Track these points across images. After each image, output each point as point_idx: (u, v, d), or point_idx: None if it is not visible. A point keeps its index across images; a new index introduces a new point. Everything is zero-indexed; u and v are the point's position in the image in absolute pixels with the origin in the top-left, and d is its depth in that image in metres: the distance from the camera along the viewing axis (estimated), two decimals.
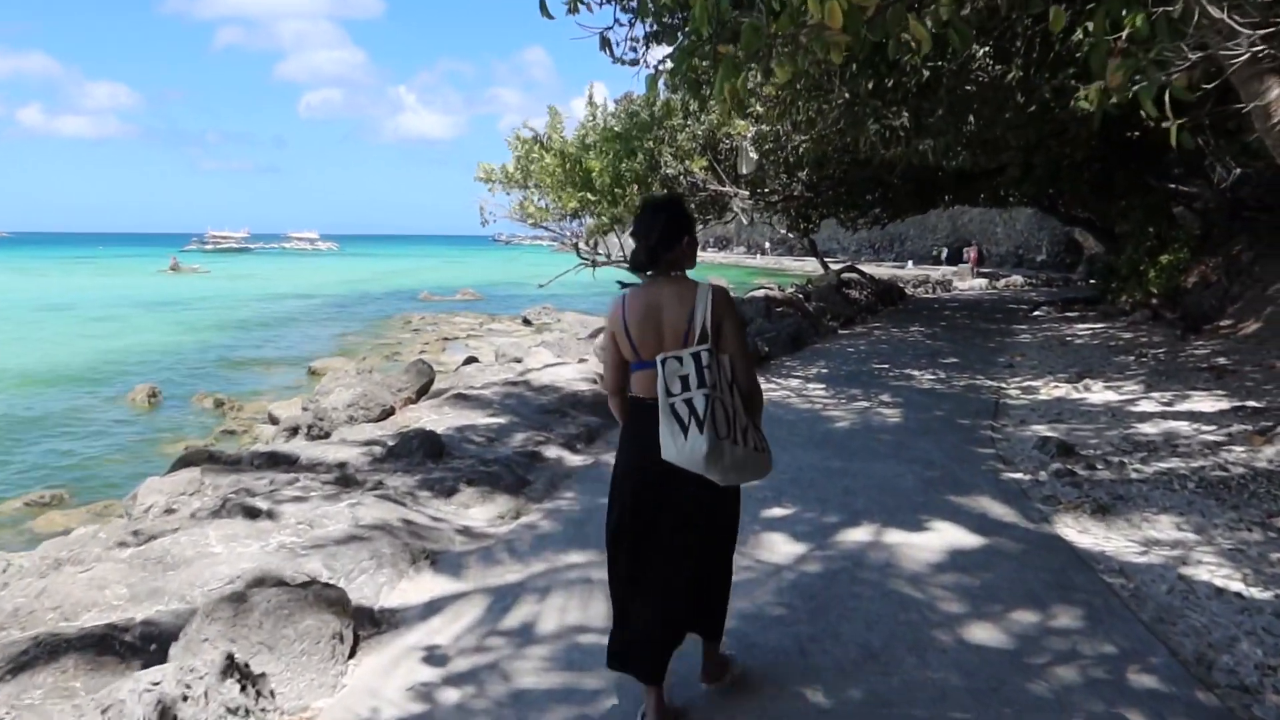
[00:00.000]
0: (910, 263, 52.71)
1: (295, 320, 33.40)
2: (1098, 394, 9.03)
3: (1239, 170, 13.46)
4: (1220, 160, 13.61)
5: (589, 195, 14.07)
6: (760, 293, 15.05)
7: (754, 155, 16.74)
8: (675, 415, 2.71)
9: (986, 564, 4.48)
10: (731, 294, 3.09)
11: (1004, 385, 10.04)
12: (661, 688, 2.98)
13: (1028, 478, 6.23)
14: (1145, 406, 8.28)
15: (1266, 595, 4.05)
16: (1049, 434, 7.46)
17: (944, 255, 52.67)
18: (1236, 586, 4.16)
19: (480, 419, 7.72)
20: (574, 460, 6.93)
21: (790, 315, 14.68)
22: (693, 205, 17.63)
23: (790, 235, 23.84)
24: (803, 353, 12.94)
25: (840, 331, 15.63)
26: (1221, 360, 10.02)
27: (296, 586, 3.59)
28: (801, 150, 15.72)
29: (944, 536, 4.92)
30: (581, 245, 16.14)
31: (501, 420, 7.69)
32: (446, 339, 26.81)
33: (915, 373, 10.99)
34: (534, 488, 6.16)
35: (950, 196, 22.90)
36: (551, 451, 6.99)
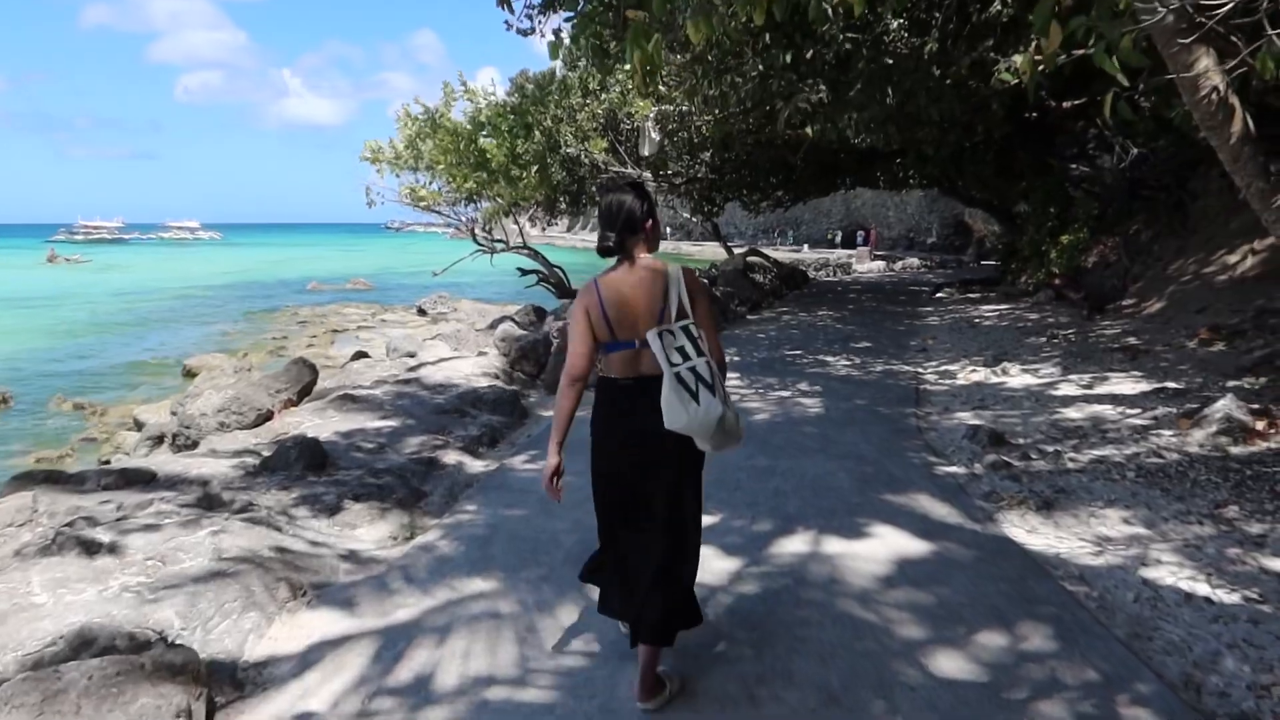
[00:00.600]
0: (805, 246, 53.25)
1: (171, 315, 31.47)
2: (1016, 378, 8.87)
3: (1135, 150, 13.64)
4: (1118, 140, 13.77)
5: (484, 176, 13.34)
6: None
7: (656, 136, 16.29)
8: (682, 383, 2.86)
9: (939, 575, 4.09)
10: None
11: (921, 370, 9.83)
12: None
13: (963, 471, 5.92)
14: (1066, 390, 8.13)
15: (1235, 599, 3.76)
16: (976, 422, 7.22)
17: (838, 239, 53.43)
18: (1203, 590, 3.87)
19: (369, 422, 7.02)
20: (476, 466, 6.32)
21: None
22: (592, 188, 17.10)
23: (691, 219, 23.53)
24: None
25: (749, 317, 15.32)
26: (1132, 340, 10.03)
27: (130, 652, 2.91)
28: (706, 131, 15.35)
29: (888, 544, 4.52)
30: (478, 231, 15.41)
31: (393, 423, 7.00)
32: (336, 331, 25.58)
33: (830, 359, 10.70)
34: (431, 500, 5.54)
35: (850, 179, 22.94)
36: (450, 457, 6.36)
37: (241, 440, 6.85)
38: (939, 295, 19.33)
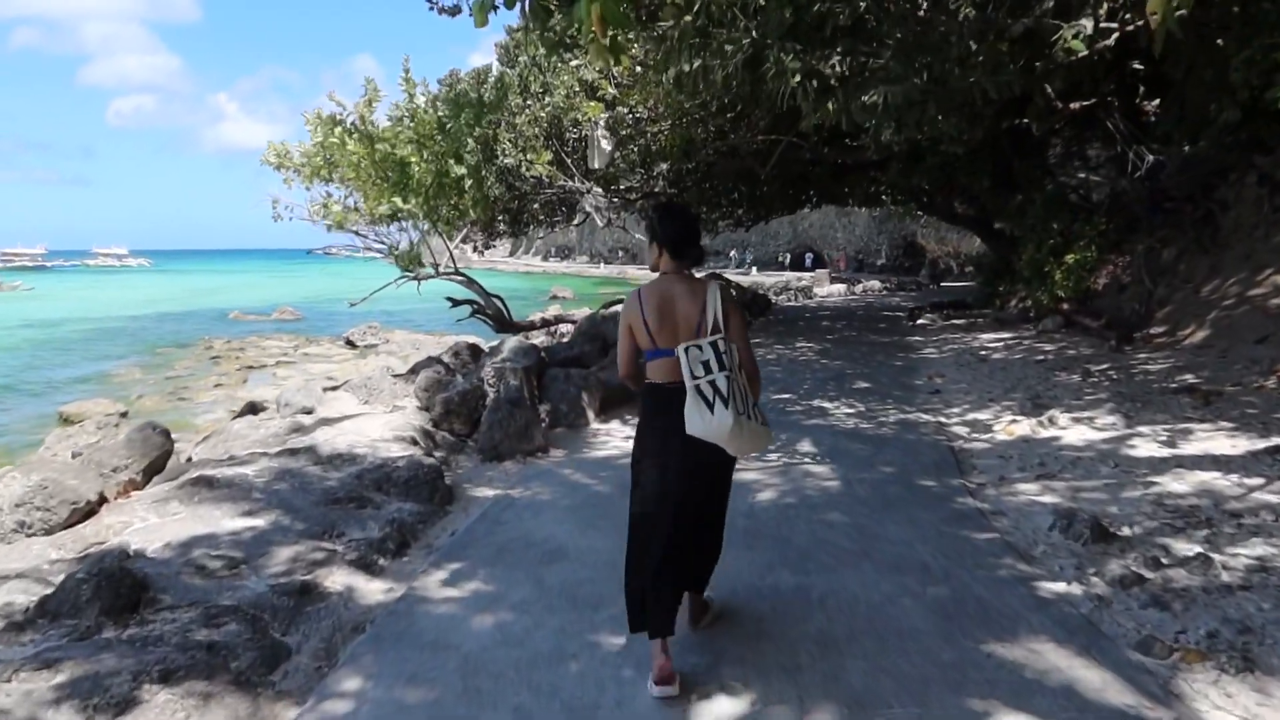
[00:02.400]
0: (754, 269, 52.20)
1: (67, 349, 28.76)
2: (1071, 430, 7.23)
3: (1151, 157, 12.24)
4: (1131, 146, 12.37)
5: (403, 198, 11.44)
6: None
7: (607, 146, 14.57)
8: (701, 395, 3.23)
9: None
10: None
11: (944, 420, 8.17)
12: (667, 642, 3.32)
13: (1078, 590, 4.21)
14: (1144, 448, 6.50)
15: None
16: (1051, 499, 5.56)
17: (786, 261, 52.43)
18: None
19: (227, 520, 5.08)
20: (372, 592, 4.43)
21: None
22: (535, 205, 15.30)
23: (643, 240, 21.95)
24: None
25: None
26: (1190, 378, 8.48)
27: None
28: (664, 139, 13.68)
29: None
30: (403, 254, 13.44)
31: (261, 522, 5.08)
32: (251, 368, 23.28)
33: (828, 405, 9.00)
34: (294, 667, 3.66)
35: (818, 195, 21.46)
36: (336, 578, 4.48)
37: (36, 553, 4.88)
38: (921, 322, 17.85)
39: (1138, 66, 11.98)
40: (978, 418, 8.12)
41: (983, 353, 12.02)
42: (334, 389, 8.80)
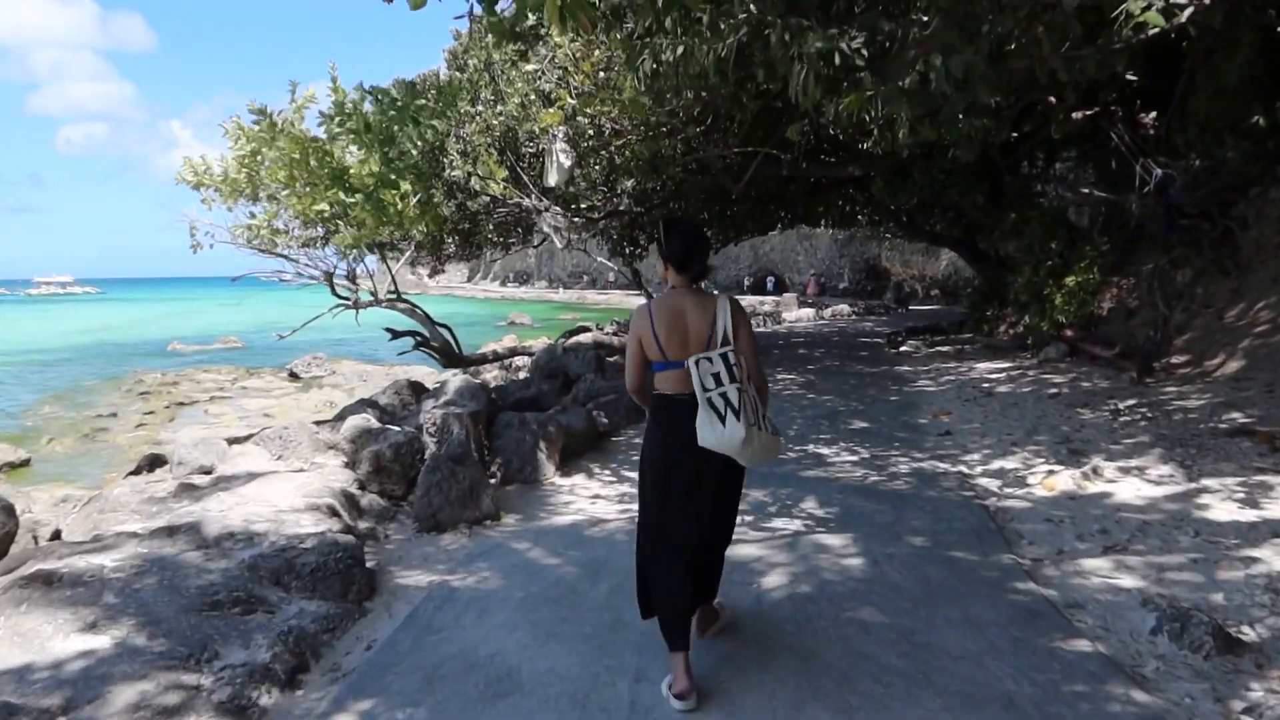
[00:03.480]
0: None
1: None
2: (1123, 484, 6.15)
3: (1160, 171, 11.35)
4: (1137, 159, 11.48)
5: (341, 197, 10.13)
6: (587, 338, 11.52)
7: (566, 161, 13.42)
8: (713, 407, 3.30)
9: None
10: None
11: (966, 470, 7.06)
12: (687, 654, 3.44)
13: None
14: (1220, 509, 5.42)
15: None
16: (1132, 581, 4.45)
17: (747, 285, 51.76)
18: None
19: (59, 641, 3.79)
20: None
21: None
22: (489, 225, 14.10)
23: (609, 264, 20.77)
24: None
25: None
26: (1239, 417, 7.46)
27: None
28: (630, 151, 12.57)
29: None
30: (339, 278, 12.10)
31: (105, 642, 3.79)
32: (182, 404, 21.72)
33: (825, 451, 7.87)
34: None
35: (792, 214, 20.46)
36: None
37: None
38: (904, 349, 16.84)
39: (1132, 78, 11.16)
40: (1004, 466, 7.02)
41: (985, 385, 10.97)
42: (241, 441, 7.46)
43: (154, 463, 8.23)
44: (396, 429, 6.91)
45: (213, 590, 4.29)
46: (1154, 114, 12.42)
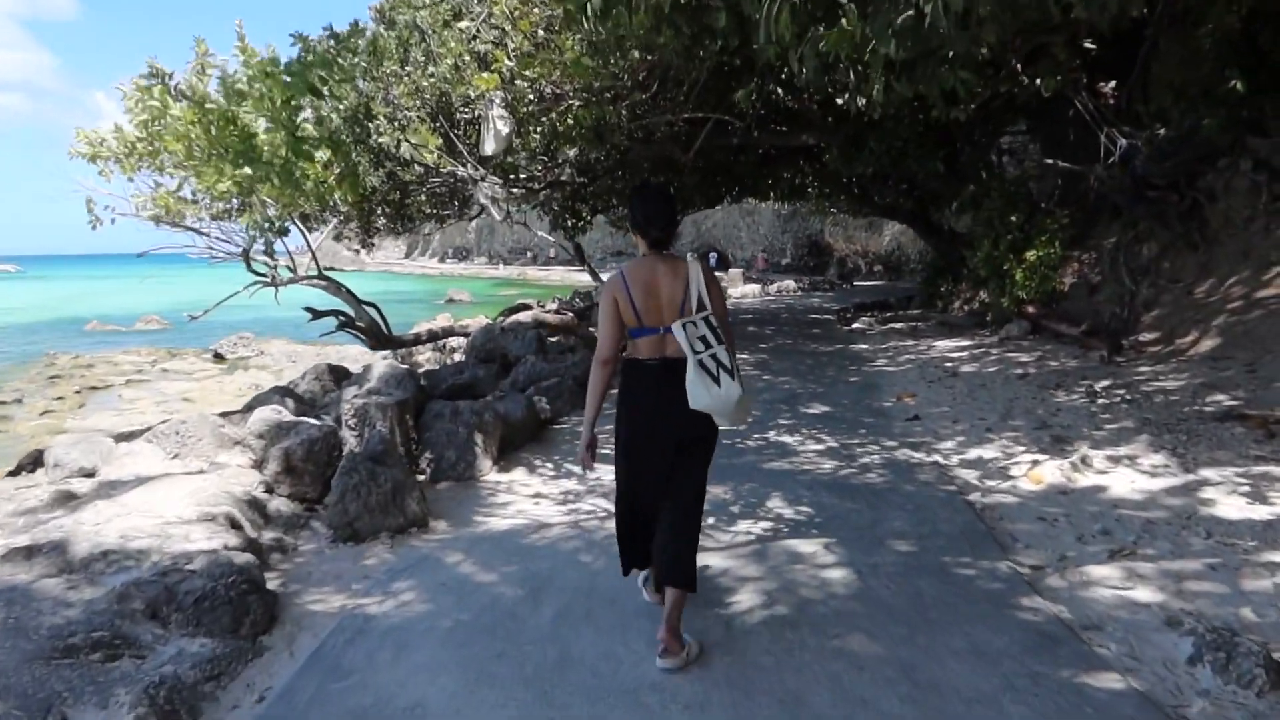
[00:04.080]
0: None
1: None
2: (1115, 475, 5.67)
3: (1124, 141, 10.94)
4: (1100, 129, 11.07)
5: (249, 173, 9.21)
6: (527, 316, 10.74)
7: (504, 128, 12.63)
8: (705, 369, 3.36)
9: None
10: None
11: (941, 459, 6.53)
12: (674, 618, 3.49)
13: None
14: (1227, 505, 4.95)
15: None
16: (1150, 594, 3.95)
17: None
18: None
19: None
20: None
21: (572, 347, 10.58)
22: (421, 196, 13.26)
23: (550, 238, 19.96)
24: None
25: None
26: (1224, 399, 7.05)
27: None
28: (572, 117, 11.84)
29: None
30: (258, 253, 11.13)
31: None
32: (95, 389, 20.49)
33: (789, 440, 7.28)
34: None
35: (738, 188, 19.86)
36: None
37: None
38: (856, 326, 16.38)
39: (1090, 46, 10.73)
40: (982, 455, 6.50)
41: (948, 365, 10.50)
42: (130, 439, 6.59)
43: (37, 461, 7.32)
44: (312, 422, 6.13)
45: (69, 630, 3.53)
46: (1113, 83, 12.03)
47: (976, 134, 13.85)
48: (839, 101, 7.34)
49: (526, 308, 16.98)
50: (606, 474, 5.02)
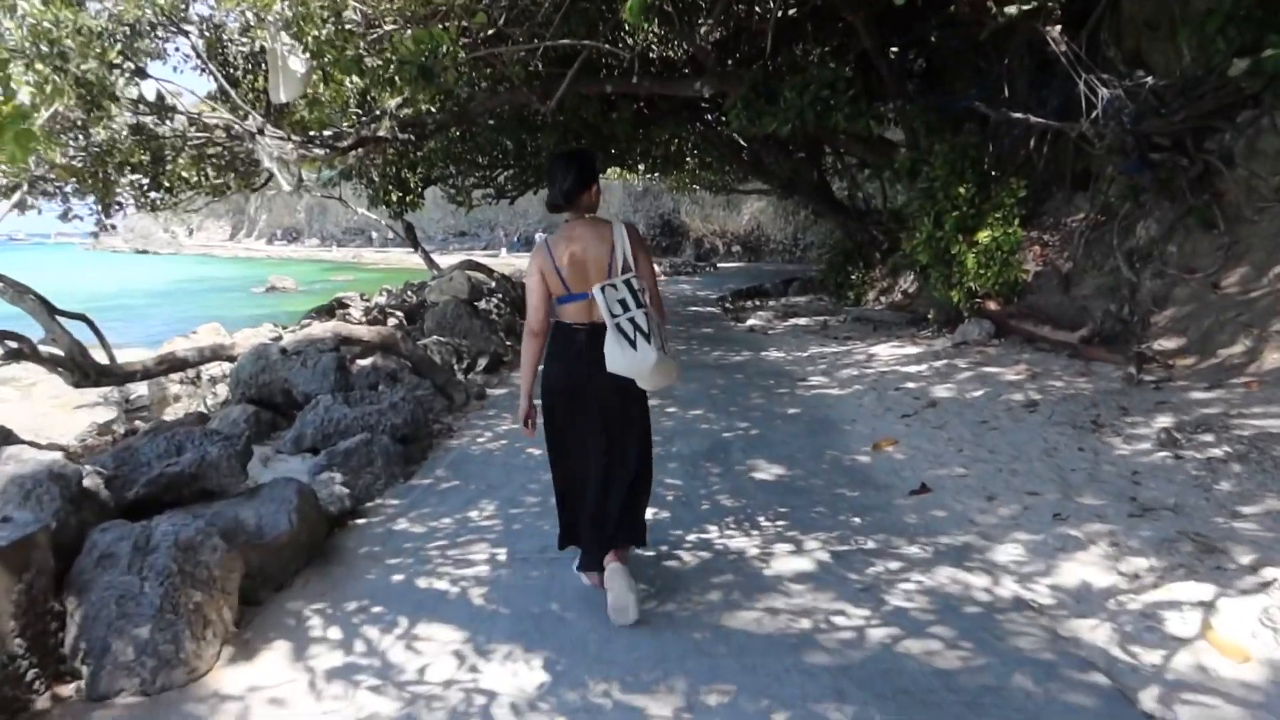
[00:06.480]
0: (504, 250, 48.69)
1: None
2: None
3: (1106, 92, 8.67)
4: (1079, 75, 8.79)
5: None
6: (328, 329, 7.43)
7: (299, 68, 9.43)
8: (622, 332, 3.41)
9: None
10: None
11: (1023, 592, 3.87)
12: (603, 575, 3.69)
13: None
14: None
15: None
16: None
17: (539, 240, 48.71)
18: None
19: None
20: None
21: (395, 375, 7.42)
22: (181, 159, 9.84)
23: (364, 214, 16.59)
24: (425, 476, 5.88)
25: (491, 392, 8.68)
26: None
27: None
28: (395, 48, 8.79)
29: None
30: None
31: None
32: None
33: (739, 544, 4.49)
34: None
35: (604, 154, 16.93)
36: None
37: None
38: (753, 323, 13.82)
39: None
40: (1086, 580, 3.87)
41: (910, 385, 7.96)
42: None
43: None
44: None
45: None
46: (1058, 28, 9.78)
47: (911, 84, 11.46)
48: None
49: (341, 308, 13.53)
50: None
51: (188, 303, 32.68)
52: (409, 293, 16.14)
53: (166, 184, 9.69)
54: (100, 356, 6.84)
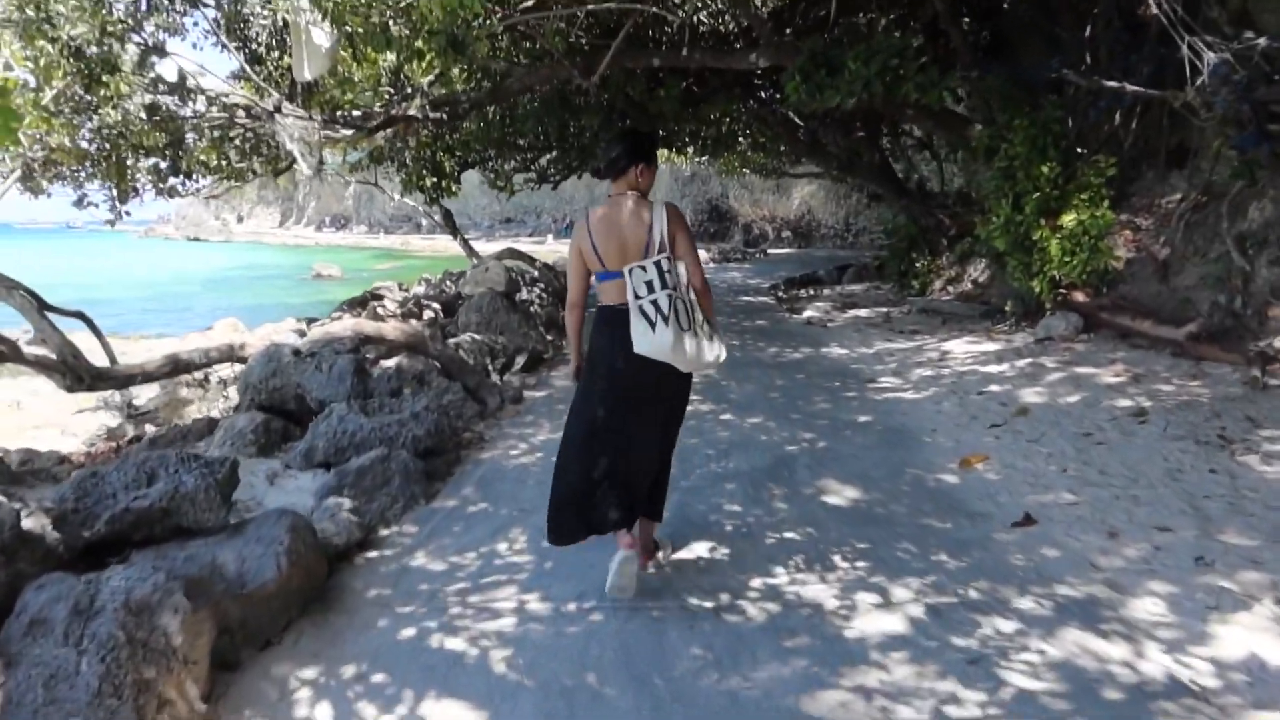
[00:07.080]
0: (550, 237, 48.76)
1: None
2: None
3: (1213, 55, 7.73)
4: (1182, 37, 7.84)
5: None
6: (347, 327, 6.74)
7: (324, 42, 8.81)
8: (644, 315, 3.39)
9: None
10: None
11: (1192, 684, 3.08)
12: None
13: None
14: None
15: None
16: None
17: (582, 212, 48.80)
18: None
19: None
20: None
21: (423, 378, 6.75)
22: (202, 141, 9.30)
23: (408, 201, 16.04)
24: (450, 496, 5.20)
25: (529, 395, 7.99)
26: None
27: None
28: (420, 16, 8.10)
29: None
30: None
31: None
32: None
33: (834, 610, 3.75)
34: None
35: (669, 130, 16.06)
36: None
37: None
38: (809, 314, 12.99)
39: None
40: (1261, 657, 3.09)
41: (994, 389, 7.12)
42: None
43: None
44: None
45: None
46: None
47: (986, 55, 10.53)
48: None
49: (376, 299, 12.85)
50: None
51: (248, 289, 32.50)
52: (448, 282, 15.51)
53: (185, 168, 9.13)
54: (100, 358, 6.27)
